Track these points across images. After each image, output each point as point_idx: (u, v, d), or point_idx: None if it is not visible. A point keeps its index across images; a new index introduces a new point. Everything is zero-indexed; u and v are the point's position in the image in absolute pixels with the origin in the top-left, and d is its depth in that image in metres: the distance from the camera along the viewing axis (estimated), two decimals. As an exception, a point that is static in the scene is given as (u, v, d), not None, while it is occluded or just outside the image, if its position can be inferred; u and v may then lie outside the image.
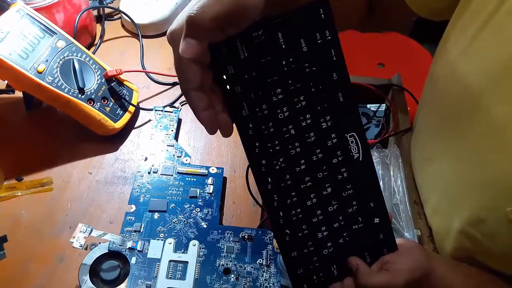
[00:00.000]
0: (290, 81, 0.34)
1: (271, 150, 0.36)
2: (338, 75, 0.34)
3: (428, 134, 0.60)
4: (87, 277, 0.48)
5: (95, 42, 0.76)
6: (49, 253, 0.52)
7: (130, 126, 0.65)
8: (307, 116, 0.35)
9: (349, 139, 0.37)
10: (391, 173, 0.65)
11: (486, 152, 0.45)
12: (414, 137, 0.67)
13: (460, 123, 0.49)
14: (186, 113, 0.68)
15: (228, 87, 0.33)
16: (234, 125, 0.35)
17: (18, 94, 0.66)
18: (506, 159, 0.42)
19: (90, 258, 0.49)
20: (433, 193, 0.59)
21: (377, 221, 0.41)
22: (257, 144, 0.35)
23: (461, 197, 0.51)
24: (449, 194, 0.55)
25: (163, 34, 0.79)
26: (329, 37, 0.33)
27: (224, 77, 0.33)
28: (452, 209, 0.54)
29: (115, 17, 0.82)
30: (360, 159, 0.38)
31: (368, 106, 0.79)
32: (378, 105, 0.79)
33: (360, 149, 0.38)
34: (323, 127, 0.36)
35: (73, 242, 0.48)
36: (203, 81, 0.33)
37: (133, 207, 0.54)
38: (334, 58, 0.34)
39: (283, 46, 0.33)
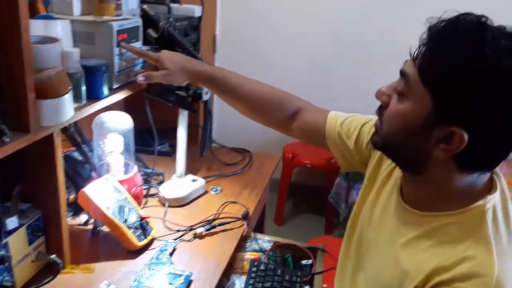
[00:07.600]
0: None
1: None
2: None
3: None
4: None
5: (142, 202, 1.30)
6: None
7: (146, 247, 1.11)
8: None
9: None
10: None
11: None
12: None
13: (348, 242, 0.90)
14: (179, 246, 1.13)
15: None
16: None
17: (89, 226, 1.16)
18: (372, 259, 0.79)
19: (105, 301, 0.89)
20: None
21: None
22: None
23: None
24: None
25: (181, 206, 1.31)
26: None
27: None
28: None
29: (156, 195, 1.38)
30: None
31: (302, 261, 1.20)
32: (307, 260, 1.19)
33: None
34: None
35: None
36: None
37: (135, 283, 0.96)
38: None
39: None
